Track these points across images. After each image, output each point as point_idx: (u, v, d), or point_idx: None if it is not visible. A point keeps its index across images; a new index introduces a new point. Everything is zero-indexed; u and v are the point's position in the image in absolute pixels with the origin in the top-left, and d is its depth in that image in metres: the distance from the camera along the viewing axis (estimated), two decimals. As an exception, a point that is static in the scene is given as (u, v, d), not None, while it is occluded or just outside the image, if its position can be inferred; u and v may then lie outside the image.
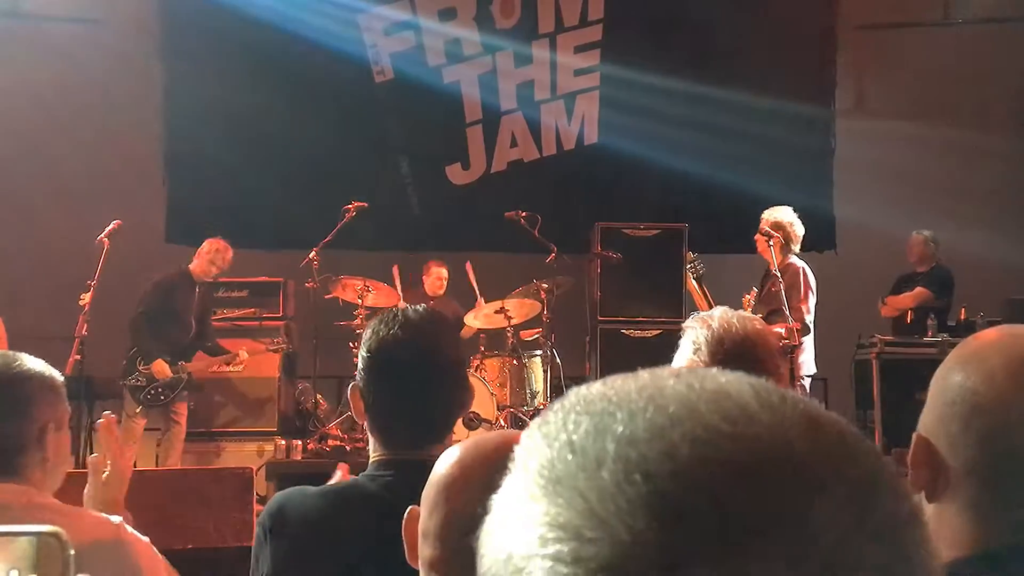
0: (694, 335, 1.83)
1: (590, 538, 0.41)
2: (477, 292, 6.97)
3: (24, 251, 7.84)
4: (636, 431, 0.44)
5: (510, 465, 1.06)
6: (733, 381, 0.46)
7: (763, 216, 5.65)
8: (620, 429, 0.44)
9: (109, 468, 1.74)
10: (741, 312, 1.89)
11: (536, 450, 0.47)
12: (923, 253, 7.24)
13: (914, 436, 1.13)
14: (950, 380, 1.11)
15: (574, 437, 0.45)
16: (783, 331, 4.95)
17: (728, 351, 1.77)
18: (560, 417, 0.47)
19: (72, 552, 0.60)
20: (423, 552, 1.10)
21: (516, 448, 1.12)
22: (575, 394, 0.49)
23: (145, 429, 6.89)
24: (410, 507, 1.14)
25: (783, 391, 0.47)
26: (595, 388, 0.48)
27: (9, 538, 0.60)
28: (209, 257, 6.36)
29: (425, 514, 1.11)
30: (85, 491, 1.75)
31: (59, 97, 8.22)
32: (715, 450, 0.42)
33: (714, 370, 0.48)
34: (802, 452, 0.43)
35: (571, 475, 0.43)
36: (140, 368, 6.14)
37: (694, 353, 1.80)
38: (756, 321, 1.89)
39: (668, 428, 0.43)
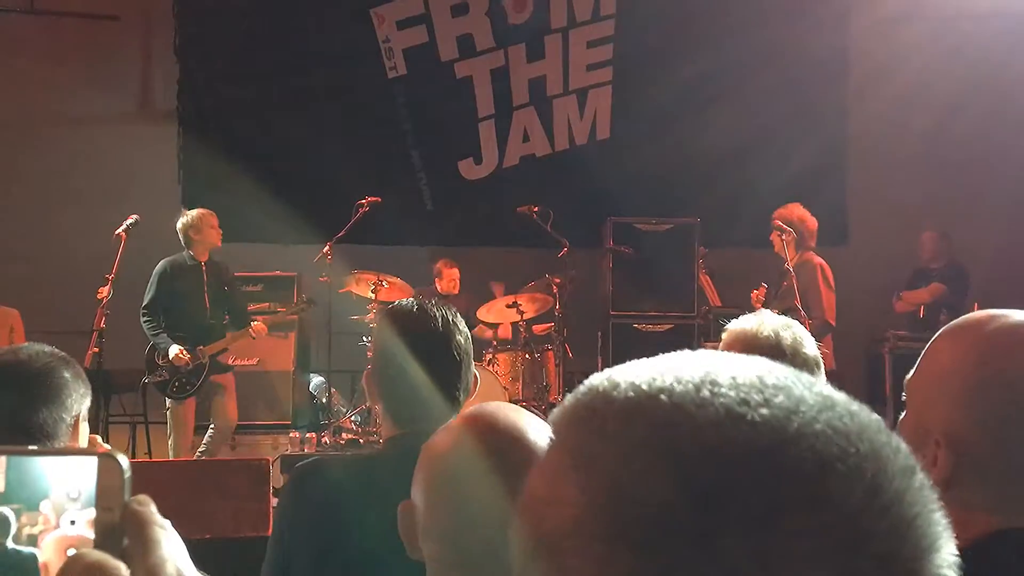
0: (732, 340, 1.80)
1: (624, 518, 0.44)
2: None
3: (40, 246, 7.90)
4: (663, 415, 0.46)
5: (529, 446, 1.02)
6: (751, 365, 0.49)
7: (775, 214, 5.64)
8: (648, 413, 0.46)
9: None
10: (788, 323, 1.82)
11: (569, 433, 0.49)
12: (936, 250, 7.22)
13: (939, 441, 1.10)
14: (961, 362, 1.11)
15: (606, 421, 0.47)
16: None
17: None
18: (589, 401, 0.49)
19: (128, 475, 0.63)
20: (428, 548, 1.07)
21: (539, 432, 1.05)
22: (602, 378, 0.51)
23: (149, 423, 6.85)
24: (402, 502, 1.12)
25: (797, 373, 0.49)
26: (621, 372, 0.50)
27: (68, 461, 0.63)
28: (215, 232, 6.05)
29: (425, 510, 1.08)
30: None
31: (75, 92, 8.28)
32: (736, 432, 0.45)
33: (731, 354, 0.51)
34: (816, 431, 0.45)
35: (604, 458, 0.46)
36: (159, 362, 5.91)
37: None
38: (804, 339, 1.81)
39: (693, 411, 0.46)
